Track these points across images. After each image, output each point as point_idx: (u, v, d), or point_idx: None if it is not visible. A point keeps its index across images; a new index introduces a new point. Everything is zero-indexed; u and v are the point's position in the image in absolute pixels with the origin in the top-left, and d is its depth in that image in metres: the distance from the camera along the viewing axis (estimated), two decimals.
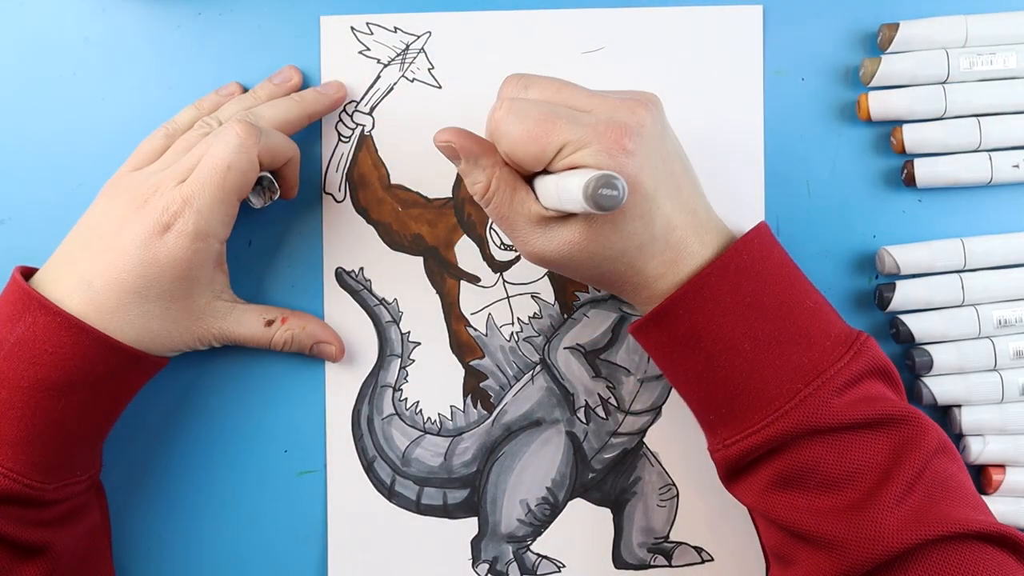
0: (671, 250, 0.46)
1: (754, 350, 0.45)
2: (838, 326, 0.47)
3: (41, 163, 0.56)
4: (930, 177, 0.54)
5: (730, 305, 0.45)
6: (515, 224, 0.47)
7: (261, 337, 0.53)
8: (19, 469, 0.46)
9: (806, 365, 0.45)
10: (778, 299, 0.46)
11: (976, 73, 0.54)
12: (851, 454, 0.44)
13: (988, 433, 0.54)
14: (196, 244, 0.48)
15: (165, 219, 0.47)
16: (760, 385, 0.45)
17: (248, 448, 0.56)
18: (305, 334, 0.54)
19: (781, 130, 0.56)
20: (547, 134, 0.44)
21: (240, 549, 0.56)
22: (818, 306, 0.47)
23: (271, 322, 0.53)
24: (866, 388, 0.45)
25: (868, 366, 0.46)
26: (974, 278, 0.54)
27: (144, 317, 0.48)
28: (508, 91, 0.48)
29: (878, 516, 0.43)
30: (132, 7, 0.56)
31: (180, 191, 0.48)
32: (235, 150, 0.48)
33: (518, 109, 0.45)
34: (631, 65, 0.55)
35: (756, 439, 0.46)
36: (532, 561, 0.56)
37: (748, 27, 0.55)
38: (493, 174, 0.46)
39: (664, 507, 0.56)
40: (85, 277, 0.47)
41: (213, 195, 0.48)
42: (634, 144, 0.44)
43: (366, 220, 0.56)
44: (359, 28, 0.55)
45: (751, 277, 0.46)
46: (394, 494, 0.56)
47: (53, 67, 0.56)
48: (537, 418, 0.56)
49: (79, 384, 0.47)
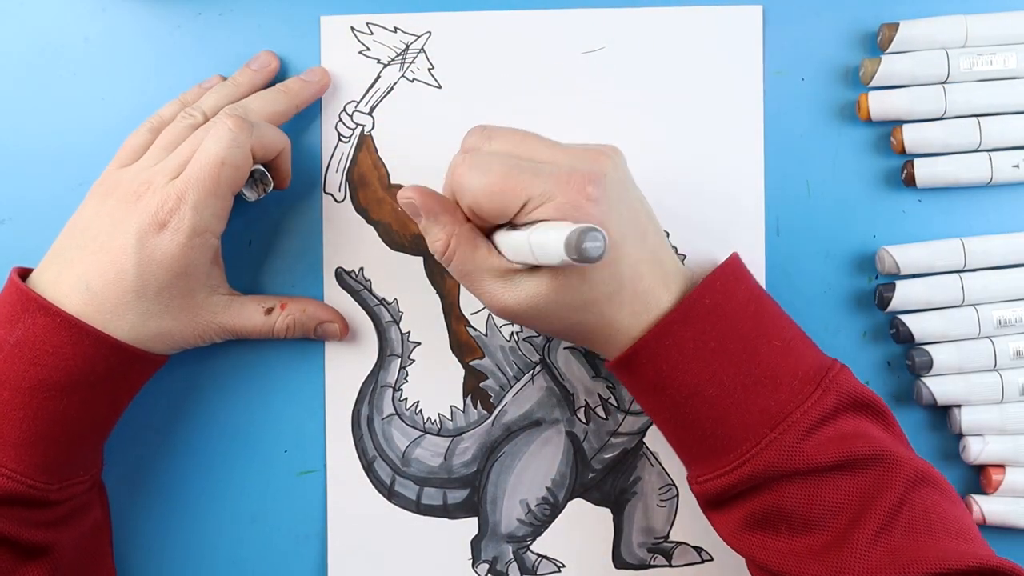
0: (640, 300, 0.46)
1: (719, 395, 0.45)
2: (808, 361, 0.46)
3: (41, 163, 0.56)
4: (930, 177, 0.54)
5: (692, 351, 0.45)
6: (478, 280, 0.46)
7: (263, 327, 0.53)
8: (22, 470, 0.46)
9: (772, 408, 0.45)
10: (742, 341, 0.46)
11: (976, 73, 0.54)
12: (821, 496, 0.44)
13: (988, 433, 0.54)
14: (192, 240, 0.48)
15: (160, 216, 0.47)
16: (727, 430, 0.45)
17: (248, 448, 0.56)
18: (306, 316, 0.54)
19: (781, 130, 0.56)
20: (511, 189, 0.44)
21: (240, 549, 0.56)
22: (786, 343, 0.46)
23: (270, 310, 0.53)
24: (838, 426, 0.45)
25: (839, 402, 0.45)
26: (974, 278, 0.54)
27: (143, 315, 0.48)
28: (470, 142, 0.47)
29: (851, 558, 0.43)
30: (132, 7, 0.56)
31: (174, 187, 0.48)
32: (228, 145, 0.48)
33: (480, 163, 0.45)
34: (631, 65, 0.55)
35: (726, 480, 0.46)
36: (532, 561, 0.56)
37: (748, 27, 0.55)
38: (452, 232, 0.46)
39: (664, 507, 0.56)
40: (83, 278, 0.47)
41: (207, 190, 0.48)
42: (598, 192, 0.44)
43: (366, 220, 0.56)
44: (359, 28, 0.55)
45: (715, 320, 0.46)
46: (394, 494, 0.56)
47: (53, 67, 0.56)
48: (537, 418, 0.56)
49: (80, 384, 0.47)
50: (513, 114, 0.55)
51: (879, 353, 0.56)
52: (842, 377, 0.46)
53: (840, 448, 0.44)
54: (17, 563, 0.47)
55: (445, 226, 0.46)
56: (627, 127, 0.55)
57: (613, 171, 0.45)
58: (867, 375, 0.56)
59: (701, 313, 0.45)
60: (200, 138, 0.49)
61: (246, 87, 0.54)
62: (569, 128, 0.55)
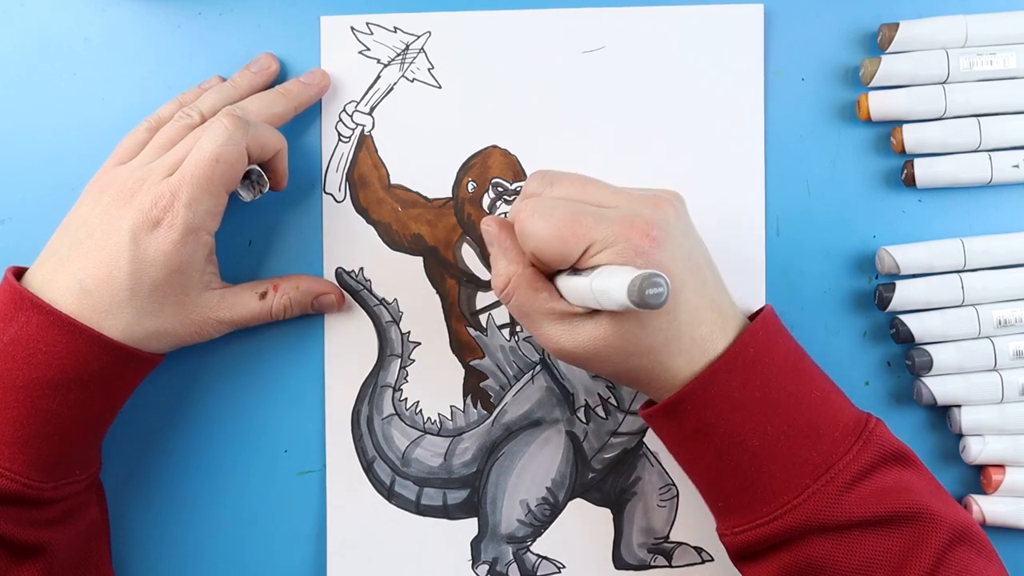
0: (697, 347, 0.45)
1: (763, 445, 0.45)
2: (846, 413, 0.46)
3: (41, 163, 0.56)
4: (930, 177, 0.54)
5: (738, 400, 0.45)
6: (537, 321, 0.46)
7: (260, 312, 0.53)
8: (16, 469, 0.46)
9: (815, 459, 0.45)
10: (785, 391, 0.45)
11: (976, 73, 0.54)
12: (859, 552, 0.44)
13: (988, 433, 0.54)
14: (186, 238, 0.48)
15: (154, 214, 0.47)
16: (768, 481, 0.45)
17: (248, 448, 0.56)
18: (301, 292, 0.54)
19: (781, 130, 0.56)
20: (574, 234, 0.44)
21: (240, 549, 0.56)
22: (824, 395, 0.46)
23: (264, 294, 0.53)
24: (878, 480, 0.45)
25: (878, 455, 0.45)
26: (974, 278, 0.54)
27: (138, 314, 0.48)
28: (532, 188, 0.48)
29: None
30: (132, 7, 0.56)
31: (168, 185, 0.48)
32: (223, 143, 0.48)
33: (544, 208, 0.45)
34: (631, 65, 0.55)
35: (763, 531, 0.45)
36: (532, 562, 0.56)
37: (749, 26, 0.55)
38: (514, 271, 0.46)
39: (664, 507, 0.56)
40: (77, 276, 0.47)
41: (201, 188, 0.48)
42: (661, 237, 0.44)
43: (366, 220, 0.56)
44: (359, 28, 0.55)
45: (759, 370, 0.45)
46: (394, 494, 0.56)
47: (53, 67, 0.56)
48: (537, 418, 0.56)
49: (74, 382, 0.47)
50: (513, 114, 0.55)
51: (879, 353, 0.56)
52: (880, 430, 0.46)
53: (880, 503, 0.44)
54: (11, 563, 0.47)
55: (510, 264, 0.47)
56: (627, 127, 0.55)
57: (675, 218, 0.45)
58: (867, 375, 0.56)
59: (746, 362, 0.45)
60: (197, 136, 0.49)
61: (245, 89, 0.54)
62: (569, 128, 0.55)
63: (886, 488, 0.45)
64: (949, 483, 0.55)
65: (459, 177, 0.56)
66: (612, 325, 0.44)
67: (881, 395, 0.56)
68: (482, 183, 0.56)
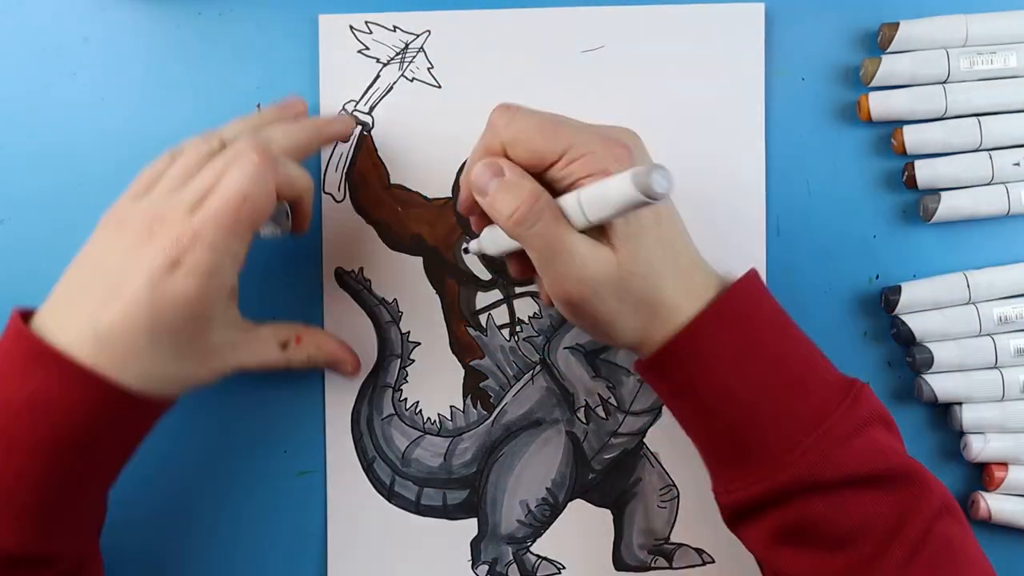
0: (681, 278, 0.45)
1: (753, 399, 0.45)
2: (833, 373, 0.46)
3: (41, 163, 0.56)
4: (931, 178, 0.54)
5: (726, 353, 0.45)
6: (559, 248, 0.44)
7: (278, 361, 0.52)
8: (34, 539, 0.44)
9: (806, 414, 0.44)
10: (773, 346, 0.45)
11: (976, 73, 0.54)
12: (853, 511, 0.43)
13: (989, 431, 0.54)
14: (209, 281, 0.44)
15: (174, 254, 0.43)
16: (760, 435, 0.45)
17: (248, 448, 0.56)
18: (321, 354, 0.53)
19: (781, 130, 0.56)
20: (555, 132, 0.44)
21: (240, 549, 0.56)
22: (811, 353, 0.46)
23: (285, 344, 0.52)
24: (869, 437, 0.44)
25: (868, 414, 0.45)
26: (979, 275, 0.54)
27: (156, 360, 0.45)
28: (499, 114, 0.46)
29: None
30: (132, 7, 0.56)
31: (191, 224, 0.44)
32: (252, 181, 0.45)
33: (520, 112, 0.45)
34: (631, 64, 0.55)
35: (757, 489, 0.45)
36: (532, 562, 0.56)
37: (750, 25, 0.55)
38: (539, 191, 0.44)
39: (665, 508, 0.56)
40: (91, 322, 0.44)
41: (227, 229, 0.44)
42: (635, 149, 0.45)
43: (366, 220, 0.56)
44: (358, 27, 0.55)
45: (744, 324, 0.45)
46: (394, 495, 0.56)
47: (53, 67, 0.56)
48: (537, 418, 0.56)
49: (94, 440, 0.44)
50: None
51: (879, 353, 0.56)
52: (867, 390, 0.46)
53: (874, 460, 0.43)
54: None
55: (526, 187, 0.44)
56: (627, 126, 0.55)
57: (642, 147, 0.46)
58: (868, 375, 0.56)
59: (733, 316, 0.45)
60: (217, 168, 0.46)
61: (270, 119, 0.51)
62: None
63: (878, 447, 0.44)
64: (950, 481, 0.55)
65: (459, 177, 0.56)
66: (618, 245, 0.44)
67: (882, 394, 0.56)
68: None
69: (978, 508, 0.54)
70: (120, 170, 0.52)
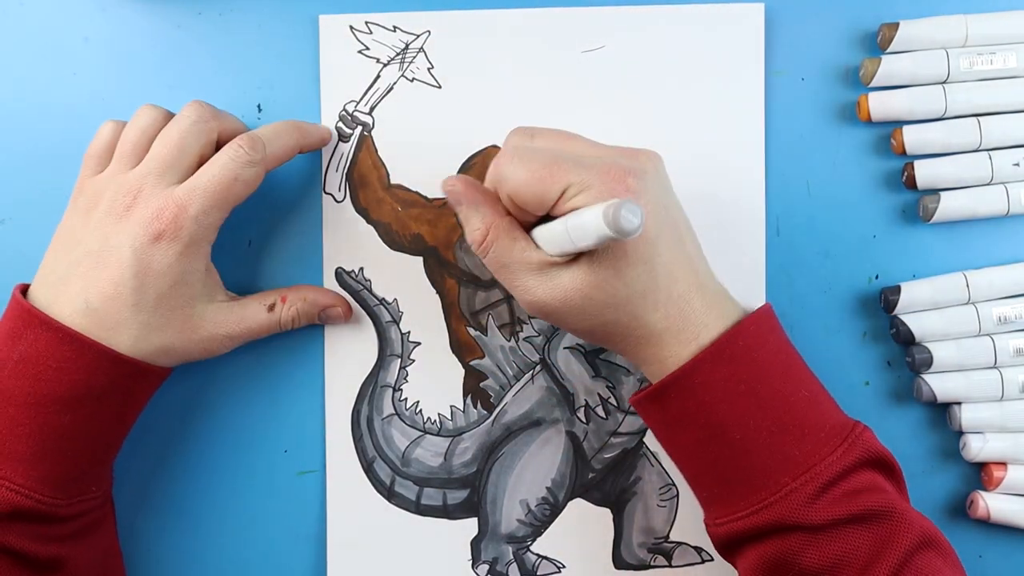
0: (674, 305, 0.46)
1: (744, 439, 0.45)
2: (834, 417, 0.47)
3: (41, 163, 0.56)
4: (930, 178, 0.54)
5: (722, 392, 0.45)
6: (515, 272, 0.46)
7: (269, 324, 0.53)
8: (30, 485, 0.46)
9: (797, 457, 0.45)
10: (773, 387, 0.46)
11: (976, 73, 0.54)
12: (830, 548, 0.44)
13: (988, 430, 0.54)
14: (189, 249, 0.48)
15: (157, 226, 0.47)
16: (748, 475, 0.45)
17: (248, 448, 0.56)
18: (308, 304, 0.54)
19: (781, 130, 0.56)
20: (551, 175, 0.44)
21: (240, 549, 0.56)
22: (813, 396, 0.47)
23: (272, 306, 0.53)
24: (856, 481, 0.45)
25: (861, 458, 0.45)
26: (978, 276, 0.54)
27: (144, 329, 0.48)
28: (514, 141, 0.48)
29: None
30: (132, 7, 0.56)
31: (173, 196, 0.47)
32: (244, 164, 0.48)
33: (523, 155, 0.45)
34: (631, 64, 0.55)
35: (742, 525, 0.46)
36: (532, 561, 0.56)
37: (749, 26, 0.55)
38: (492, 222, 0.46)
39: (664, 507, 0.56)
40: (81, 295, 0.47)
41: (214, 203, 0.48)
42: (638, 186, 0.44)
43: (366, 220, 0.56)
44: (358, 27, 0.55)
45: (746, 364, 0.45)
46: (394, 494, 0.56)
47: (53, 67, 0.56)
48: (537, 418, 0.56)
49: (85, 398, 0.47)
50: (513, 113, 0.55)
51: (879, 353, 0.56)
52: (866, 436, 0.46)
53: (854, 502, 0.44)
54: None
55: (485, 216, 0.47)
56: (627, 126, 0.55)
57: (653, 172, 0.46)
58: (867, 375, 0.56)
59: (735, 354, 0.45)
60: (177, 130, 0.49)
61: None
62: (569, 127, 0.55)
63: (861, 488, 0.45)
64: (950, 481, 0.55)
65: (462, 171, 0.56)
66: (588, 274, 0.44)
67: (881, 394, 0.56)
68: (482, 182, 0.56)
69: (977, 508, 0.54)
70: None
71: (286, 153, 0.52)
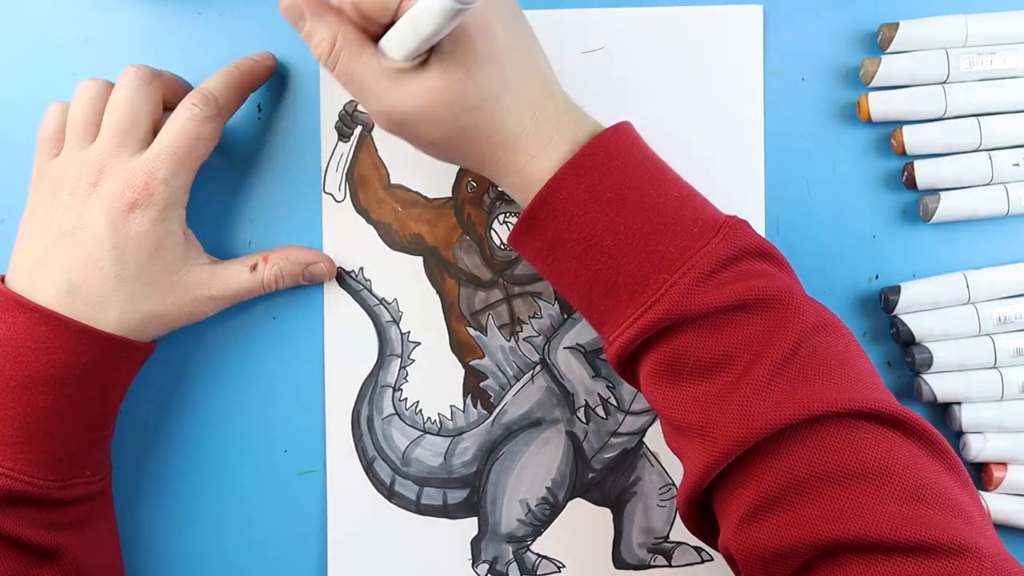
0: (527, 108, 0.46)
1: (618, 245, 0.45)
2: (708, 213, 0.46)
3: None
4: (930, 178, 0.54)
5: (589, 202, 0.45)
6: (365, 82, 0.45)
7: (252, 284, 0.53)
8: (20, 468, 0.46)
9: (672, 254, 0.44)
10: (639, 191, 0.45)
11: (976, 73, 0.54)
12: (720, 338, 0.43)
13: (988, 430, 0.54)
14: (163, 213, 0.48)
15: (128, 196, 0.48)
16: (627, 280, 0.45)
17: (248, 448, 0.56)
18: (291, 262, 0.54)
19: (781, 130, 0.56)
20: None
21: (240, 549, 0.56)
22: (684, 196, 0.46)
23: (254, 267, 0.53)
24: (739, 268, 0.44)
25: (739, 248, 0.44)
26: (978, 276, 0.54)
27: (131, 301, 0.48)
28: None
29: (745, 400, 0.42)
30: (132, 7, 0.56)
31: (140, 164, 0.48)
32: (201, 121, 0.49)
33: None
34: (631, 65, 0.55)
35: (629, 332, 0.45)
36: (532, 561, 0.56)
37: (748, 27, 0.55)
38: (338, 31, 0.45)
39: (664, 507, 0.56)
40: (62, 275, 0.48)
41: (181, 163, 0.49)
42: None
43: (366, 220, 0.56)
44: None
45: (609, 172, 0.45)
46: (394, 494, 0.56)
47: (53, 67, 0.56)
48: (537, 418, 0.56)
49: (67, 377, 0.47)
50: None
51: (879, 353, 0.56)
52: (740, 226, 0.46)
53: (739, 289, 0.43)
54: (30, 565, 0.47)
55: (331, 26, 0.45)
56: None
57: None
58: None
59: (596, 165, 0.45)
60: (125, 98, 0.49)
61: None
62: None
63: (747, 274, 0.44)
64: None
65: (459, 177, 0.56)
66: (440, 75, 0.44)
67: None
68: (481, 183, 0.56)
69: None
70: None
71: (238, 98, 0.53)
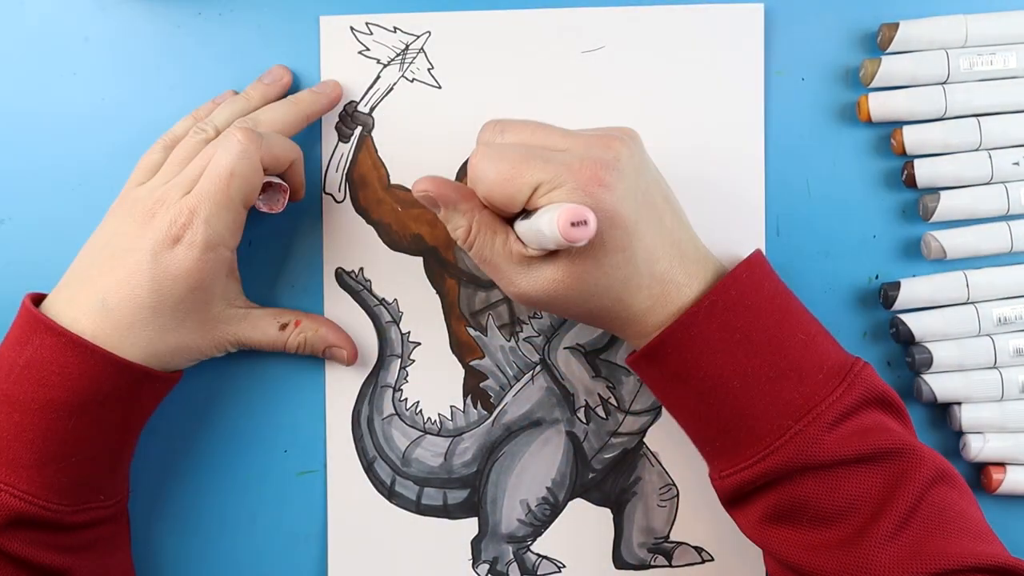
0: (657, 283, 0.46)
1: (744, 387, 0.45)
2: (833, 357, 0.47)
3: (41, 163, 0.56)
4: (930, 177, 0.54)
5: (718, 343, 0.45)
6: (498, 266, 0.47)
7: (276, 341, 0.53)
8: (34, 491, 0.46)
9: (797, 400, 0.45)
10: (767, 333, 0.46)
11: (976, 73, 0.54)
12: (843, 489, 0.44)
13: (988, 431, 0.54)
14: (206, 254, 0.48)
15: (174, 231, 0.47)
16: (751, 422, 0.46)
17: (248, 448, 0.56)
18: (318, 337, 0.54)
19: (781, 130, 0.56)
20: (520, 175, 0.44)
21: (240, 549, 0.56)
22: (810, 337, 0.47)
23: (285, 326, 0.53)
24: (861, 420, 0.45)
25: (863, 397, 0.45)
26: (979, 275, 0.54)
27: (160, 331, 0.48)
28: (485, 137, 0.48)
29: (870, 552, 0.43)
30: (132, 7, 0.56)
31: (186, 202, 0.48)
32: (237, 156, 0.48)
33: (493, 153, 0.45)
34: (631, 65, 0.55)
35: (748, 474, 0.46)
36: (532, 561, 0.56)
37: (749, 26, 0.55)
38: (473, 218, 0.47)
39: (664, 507, 0.56)
40: (99, 295, 0.47)
41: (219, 203, 0.48)
42: (611, 178, 0.44)
43: (366, 220, 0.56)
44: (358, 28, 0.55)
45: (739, 312, 0.46)
46: (394, 494, 0.56)
47: (53, 67, 0.56)
48: (537, 418, 0.56)
49: (89, 404, 0.47)
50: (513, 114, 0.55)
51: (879, 352, 0.56)
52: (866, 373, 0.46)
53: (863, 441, 0.44)
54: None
55: (465, 213, 0.47)
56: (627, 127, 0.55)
57: (628, 157, 0.45)
58: None
59: (728, 304, 0.46)
60: (211, 153, 0.49)
61: (257, 100, 0.53)
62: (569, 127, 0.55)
63: (868, 427, 0.45)
64: None
65: (459, 177, 0.56)
66: (569, 267, 0.45)
67: None
68: None
69: None
70: (120, 170, 0.52)
71: (290, 130, 0.52)
